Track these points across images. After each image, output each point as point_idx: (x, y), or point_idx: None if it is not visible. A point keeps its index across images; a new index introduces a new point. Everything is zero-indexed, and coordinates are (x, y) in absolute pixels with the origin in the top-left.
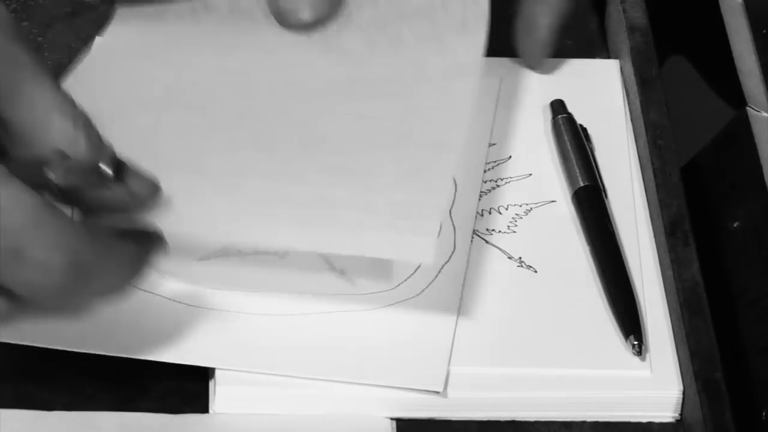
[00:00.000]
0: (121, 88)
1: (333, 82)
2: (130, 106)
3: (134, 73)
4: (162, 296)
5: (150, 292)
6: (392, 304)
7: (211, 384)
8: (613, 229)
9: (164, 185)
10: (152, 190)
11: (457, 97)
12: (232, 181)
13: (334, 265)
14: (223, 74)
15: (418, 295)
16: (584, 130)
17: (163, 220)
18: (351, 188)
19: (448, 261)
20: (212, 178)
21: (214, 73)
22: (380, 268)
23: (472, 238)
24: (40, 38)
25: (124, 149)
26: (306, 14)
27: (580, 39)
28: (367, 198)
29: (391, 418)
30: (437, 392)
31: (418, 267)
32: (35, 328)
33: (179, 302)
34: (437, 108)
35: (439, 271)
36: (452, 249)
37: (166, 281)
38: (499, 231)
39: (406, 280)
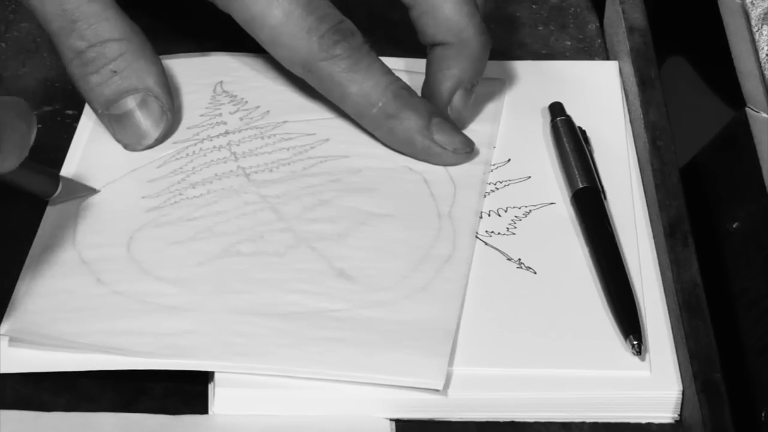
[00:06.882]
0: None
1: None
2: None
3: None
4: (158, 303)
5: (146, 298)
6: (393, 304)
7: (210, 385)
8: (612, 230)
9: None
10: None
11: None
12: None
13: (334, 264)
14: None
15: (418, 294)
16: (583, 132)
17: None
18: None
19: (448, 261)
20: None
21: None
22: (381, 268)
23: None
24: (38, 39)
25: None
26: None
27: (578, 40)
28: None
29: (391, 419)
30: (437, 390)
31: (418, 267)
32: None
33: (175, 307)
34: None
35: (440, 272)
36: (452, 249)
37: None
38: (499, 233)
39: (406, 279)
